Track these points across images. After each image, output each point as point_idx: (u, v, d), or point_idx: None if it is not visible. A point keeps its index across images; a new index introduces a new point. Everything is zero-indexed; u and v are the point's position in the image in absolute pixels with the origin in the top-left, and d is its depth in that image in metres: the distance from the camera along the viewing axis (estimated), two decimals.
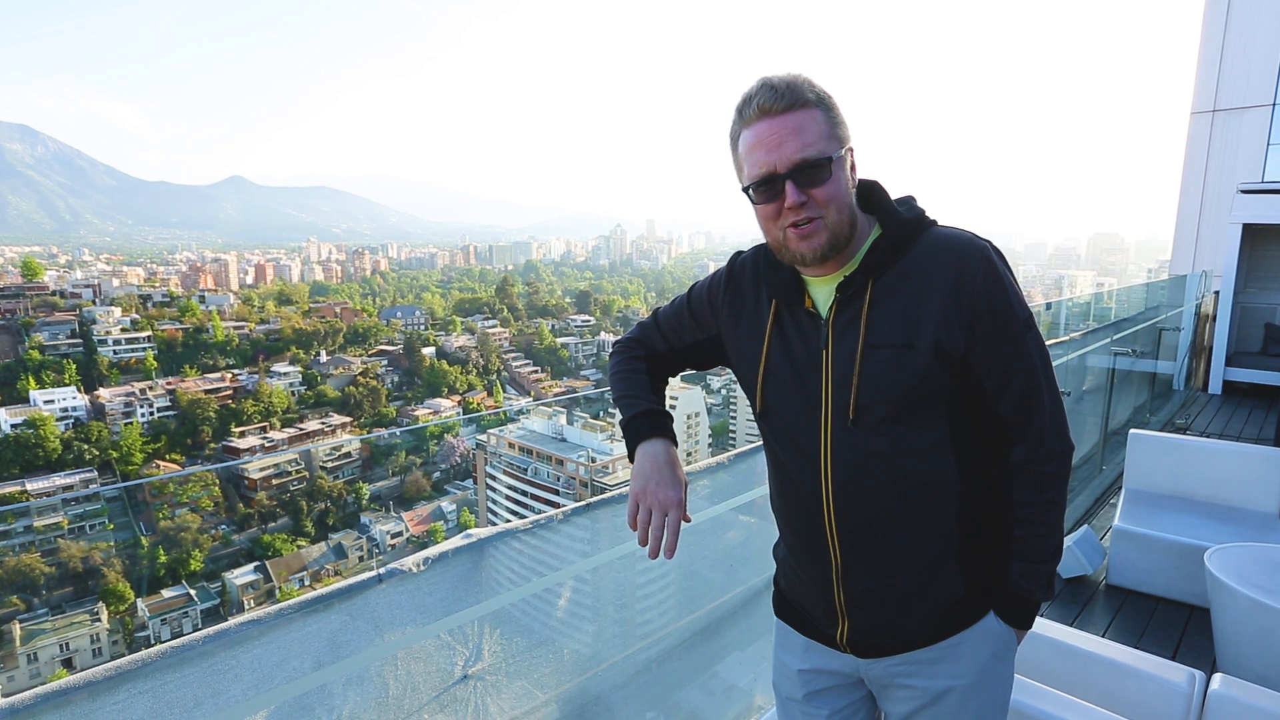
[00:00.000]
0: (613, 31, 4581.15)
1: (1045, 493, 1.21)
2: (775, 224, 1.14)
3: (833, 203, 1.10)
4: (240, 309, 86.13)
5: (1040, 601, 1.25)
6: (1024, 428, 1.18)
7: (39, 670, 32.35)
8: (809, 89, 1.09)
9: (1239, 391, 8.98)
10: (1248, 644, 2.73)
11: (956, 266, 1.12)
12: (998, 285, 1.13)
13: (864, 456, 1.16)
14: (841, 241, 1.14)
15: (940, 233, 1.17)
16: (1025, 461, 1.20)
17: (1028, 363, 1.16)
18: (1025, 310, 1.16)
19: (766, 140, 1.09)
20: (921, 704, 1.25)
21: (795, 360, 1.21)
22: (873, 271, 1.15)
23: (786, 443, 1.25)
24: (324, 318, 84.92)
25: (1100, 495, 5.38)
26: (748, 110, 1.11)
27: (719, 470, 2.66)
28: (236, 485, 53.11)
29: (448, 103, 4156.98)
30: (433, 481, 59.41)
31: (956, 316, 1.11)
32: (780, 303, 1.25)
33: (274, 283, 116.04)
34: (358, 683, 1.59)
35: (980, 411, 1.19)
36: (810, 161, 1.07)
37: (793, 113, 1.08)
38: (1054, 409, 1.19)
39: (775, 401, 1.25)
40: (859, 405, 1.14)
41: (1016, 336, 1.15)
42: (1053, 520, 1.22)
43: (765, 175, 1.10)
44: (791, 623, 1.40)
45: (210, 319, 76.96)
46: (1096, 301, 7.86)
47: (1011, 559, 1.24)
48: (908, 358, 1.12)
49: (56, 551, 39.80)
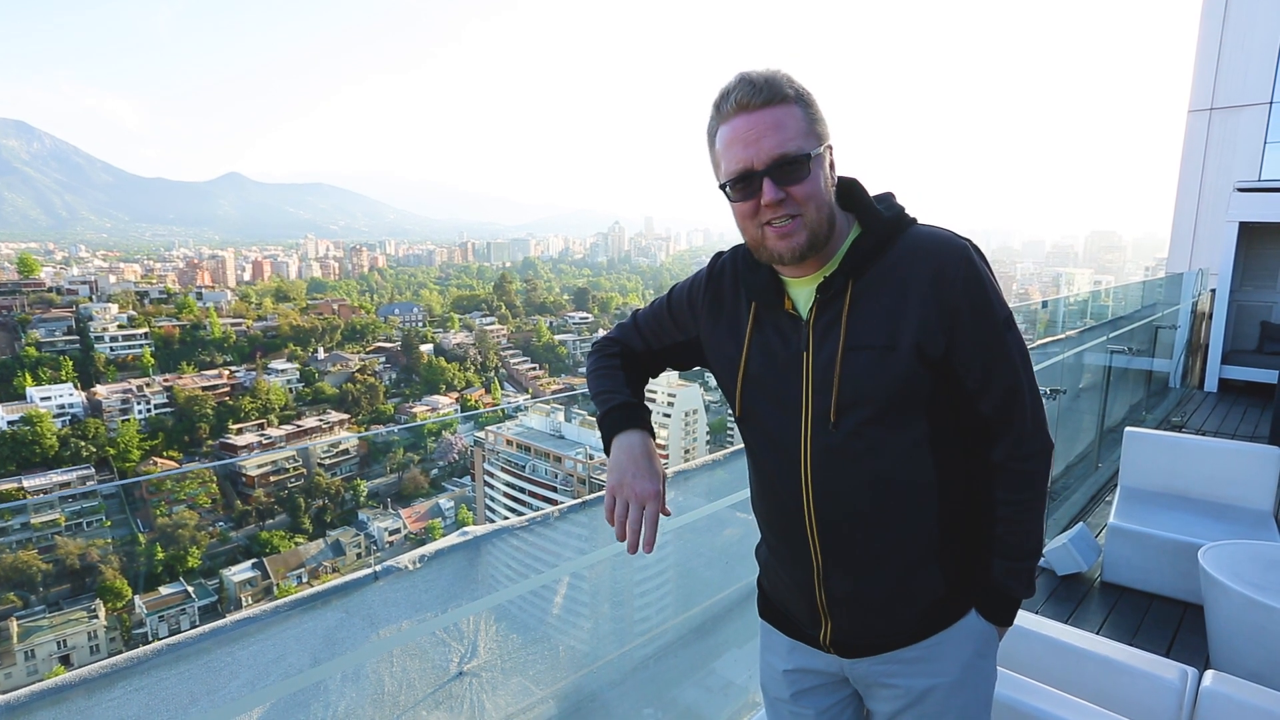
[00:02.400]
0: (611, 29, 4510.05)
1: (1026, 490, 1.20)
2: (752, 222, 1.12)
3: (811, 200, 1.08)
4: (238, 306, 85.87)
5: (1022, 598, 1.25)
6: (1005, 427, 1.18)
7: (36, 667, 32.30)
8: (788, 84, 1.07)
9: (1234, 389, 9.00)
10: (1241, 641, 2.74)
11: (936, 266, 1.11)
12: (977, 285, 1.12)
13: (844, 459, 1.15)
14: (820, 240, 1.12)
15: (920, 231, 1.16)
16: (1006, 460, 1.19)
17: (1009, 362, 1.15)
18: (1005, 309, 1.15)
19: (744, 136, 1.07)
20: (905, 703, 1.25)
21: (775, 363, 1.20)
22: (853, 272, 1.14)
23: (766, 445, 1.24)
24: (322, 314, 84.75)
25: (1096, 493, 5.40)
26: (725, 105, 1.08)
27: (716, 467, 2.66)
28: (234, 482, 53.03)
29: (446, 100, 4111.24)
30: (431, 478, 59.37)
31: (937, 317, 1.10)
32: (760, 305, 1.23)
33: (271, 279, 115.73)
34: (354, 679, 1.60)
35: (961, 411, 1.18)
36: (788, 158, 1.05)
37: (770, 108, 1.06)
38: (1034, 407, 1.19)
39: (755, 404, 1.23)
40: (839, 408, 1.13)
41: (997, 336, 1.14)
42: (1034, 518, 1.22)
43: (742, 172, 1.08)
44: (775, 624, 1.40)
45: (208, 316, 76.75)
46: (1094, 299, 7.87)
47: (994, 557, 1.23)
48: (889, 360, 1.11)
49: (53, 548, 39.73)
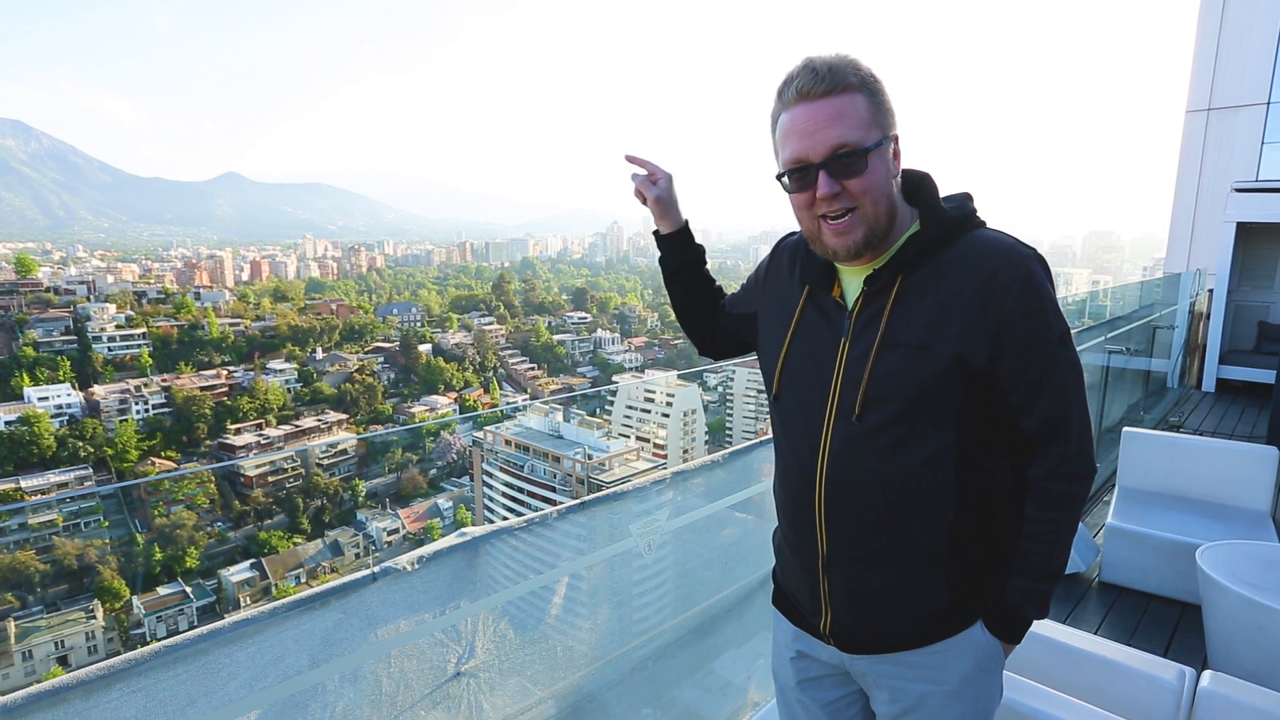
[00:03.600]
0: (611, 28, 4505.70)
1: (1059, 511, 1.17)
2: (808, 214, 1.11)
3: (868, 195, 1.06)
4: (236, 306, 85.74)
5: (1033, 619, 1.21)
6: (1048, 445, 1.14)
7: (34, 668, 32.29)
8: (853, 72, 1.04)
9: (1232, 389, 9.01)
10: (1238, 641, 2.74)
11: (991, 272, 1.07)
12: (1034, 297, 1.07)
13: (862, 454, 1.14)
14: (878, 236, 1.10)
15: (983, 235, 1.12)
16: (1044, 478, 1.15)
17: (1059, 381, 1.11)
18: (1062, 325, 1.10)
19: (802, 126, 1.05)
20: (903, 707, 1.24)
21: (815, 349, 1.20)
22: (903, 267, 1.12)
23: (791, 430, 1.25)
24: (320, 314, 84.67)
25: (1094, 492, 5.41)
26: (787, 92, 1.07)
27: (715, 468, 2.67)
28: (232, 482, 53.01)
29: (446, 99, 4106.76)
30: (429, 478, 59.40)
31: (983, 325, 1.07)
32: (812, 289, 1.23)
33: (270, 279, 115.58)
34: (352, 680, 1.60)
35: (999, 424, 1.15)
36: (846, 151, 1.03)
37: (832, 97, 1.03)
38: (1082, 430, 1.14)
39: (790, 387, 1.24)
40: (865, 401, 1.12)
41: (1049, 351, 1.09)
42: (1062, 540, 1.18)
43: (798, 163, 1.06)
44: (784, 610, 1.41)
45: (205, 316, 76.65)
46: (1092, 299, 7.87)
47: (1011, 574, 1.20)
48: (921, 360, 1.09)
49: (51, 549, 39.68)
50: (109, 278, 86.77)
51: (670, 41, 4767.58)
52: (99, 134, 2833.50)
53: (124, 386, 64.36)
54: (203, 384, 66.64)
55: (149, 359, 70.25)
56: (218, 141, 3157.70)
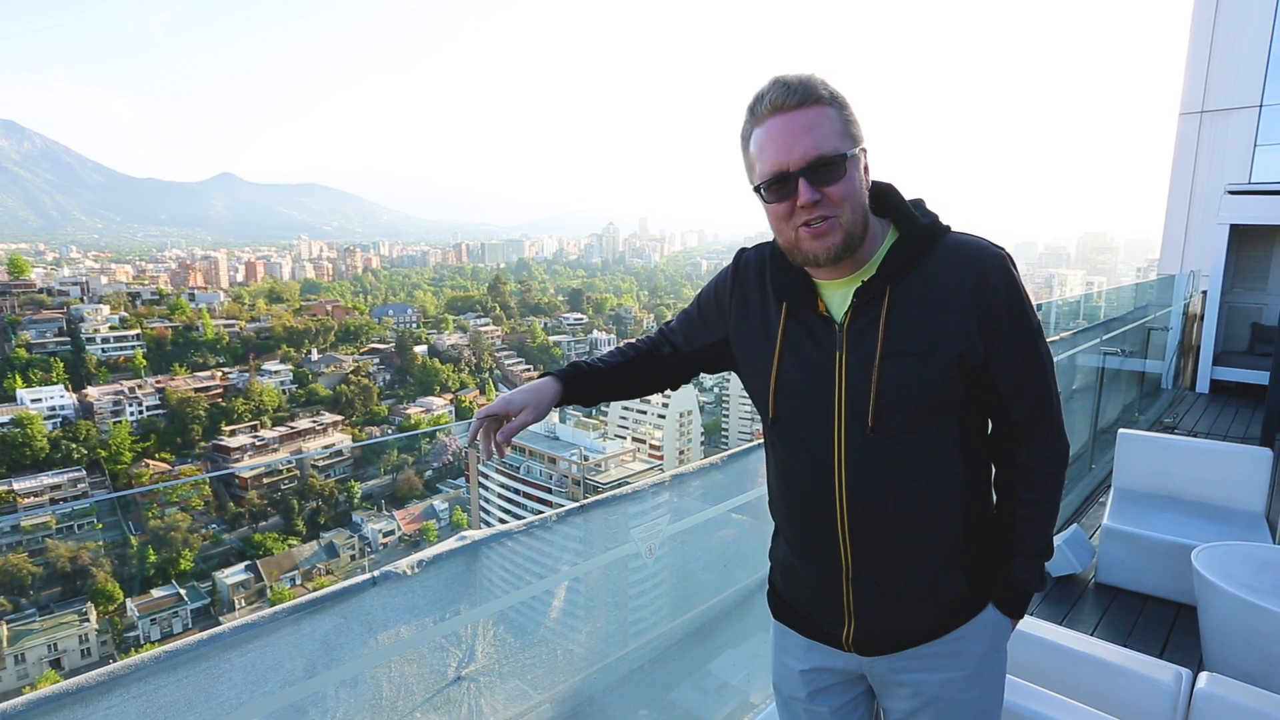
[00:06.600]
0: (608, 29, 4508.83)
1: (1046, 490, 1.26)
2: (787, 224, 1.12)
3: (847, 202, 1.08)
4: (230, 307, 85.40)
5: (1036, 591, 1.30)
6: (1031, 431, 1.23)
7: (26, 671, 32.05)
8: (822, 87, 1.07)
9: (1226, 390, 9.06)
10: (1234, 642, 2.76)
11: (978, 275, 1.13)
12: (1016, 295, 1.15)
13: (880, 462, 1.17)
14: (855, 242, 1.12)
15: (958, 240, 1.17)
16: (1031, 462, 1.24)
17: (1041, 370, 1.20)
18: (1037, 318, 1.19)
19: (779, 137, 1.07)
20: (925, 699, 1.27)
21: (808, 366, 1.20)
22: (892, 277, 1.14)
23: (797, 447, 1.25)
24: (315, 316, 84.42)
25: (1089, 494, 5.42)
26: (760, 107, 1.09)
27: (712, 470, 2.67)
28: (227, 484, 52.74)
29: (441, 100, 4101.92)
30: (425, 480, 59.22)
31: (978, 325, 1.12)
32: (790, 306, 1.23)
33: (264, 280, 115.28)
34: (351, 685, 1.59)
35: (991, 416, 1.24)
36: (825, 158, 1.05)
37: (806, 109, 1.06)
38: (1059, 412, 1.24)
39: (788, 407, 1.24)
40: (878, 412, 1.14)
41: (1032, 344, 1.18)
42: (1051, 516, 1.28)
43: (777, 173, 1.08)
44: (791, 624, 1.39)
45: (200, 317, 76.36)
46: (1086, 301, 7.91)
47: (1014, 555, 1.27)
48: (927, 366, 1.12)
49: (44, 551, 39.44)
50: (103, 279, 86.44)
51: (665, 41, 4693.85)
52: (93, 134, 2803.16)
53: (118, 388, 64.07)
54: (197, 385, 66.37)
55: (143, 360, 69.96)
56: (213, 142, 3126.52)
